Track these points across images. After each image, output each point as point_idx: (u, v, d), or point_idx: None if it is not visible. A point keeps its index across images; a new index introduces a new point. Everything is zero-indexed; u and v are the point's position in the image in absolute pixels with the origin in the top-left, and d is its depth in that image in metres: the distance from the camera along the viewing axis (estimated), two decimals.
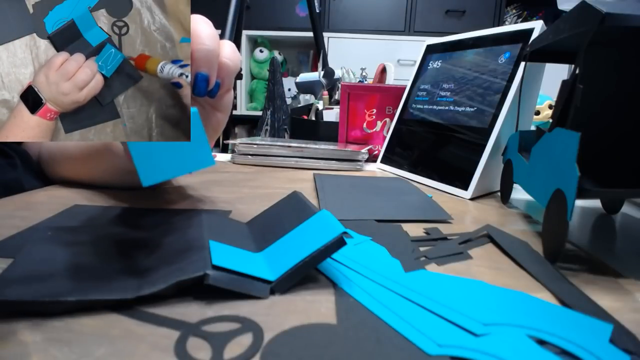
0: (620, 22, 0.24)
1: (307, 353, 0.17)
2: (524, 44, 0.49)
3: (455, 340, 0.18)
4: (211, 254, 0.22)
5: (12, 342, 0.17)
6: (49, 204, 0.37)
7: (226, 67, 0.30)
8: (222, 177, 0.54)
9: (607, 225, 0.40)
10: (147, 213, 0.35)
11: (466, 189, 0.48)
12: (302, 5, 2.42)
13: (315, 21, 1.45)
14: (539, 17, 2.38)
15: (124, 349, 0.17)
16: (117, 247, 0.26)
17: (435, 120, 0.58)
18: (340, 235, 0.22)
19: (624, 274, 0.27)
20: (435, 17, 2.42)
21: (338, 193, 0.44)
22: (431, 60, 0.64)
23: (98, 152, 0.41)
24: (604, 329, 0.19)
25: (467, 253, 0.29)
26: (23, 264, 0.22)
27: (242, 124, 2.69)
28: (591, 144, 0.29)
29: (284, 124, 1.32)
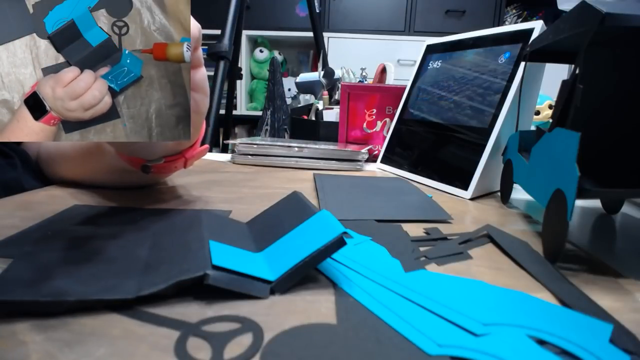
0: (620, 22, 0.24)
1: (307, 353, 0.17)
2: (524, 44, 0.49)
3: (455, 340, 0.18)
4: (211, 254, 0.22)
5: (12, 342, 0.17)
6: (49, 204, 0.37)
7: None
8: (222, 177, 0.54)
9: (607, 225, 0.40)
10: (147, 213, 0.35)
11: (466, 189, 0.48)
12: (302, 5, 2.43)
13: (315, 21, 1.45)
14: (539, 17, 2.38)
15: (124, 349, 0.17)
16: (117, 247, 0.26)
17: (435, 120, 0.58)
18: (340, 235, 0.22)
19: (624, 274, 0.27)
20: (435, 17, 2.42)
21: (338, 193, 0.44)
22: (431, 60, 0.64)
23: (91, 152, 0.41)
24: (604, 329, 0.19)
25: (467, 253, 0.29)
26: (23, 264, 0.22)
27: (242, 124, 2.70)
28: (591, 144, 0.29)
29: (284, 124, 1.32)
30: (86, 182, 0.44)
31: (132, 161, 0.37)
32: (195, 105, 0.34)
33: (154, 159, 0.37)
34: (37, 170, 0.48)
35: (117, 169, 0.40)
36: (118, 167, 0.39)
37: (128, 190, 0.43)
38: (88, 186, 0.43)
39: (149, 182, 0.45)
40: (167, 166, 0.37)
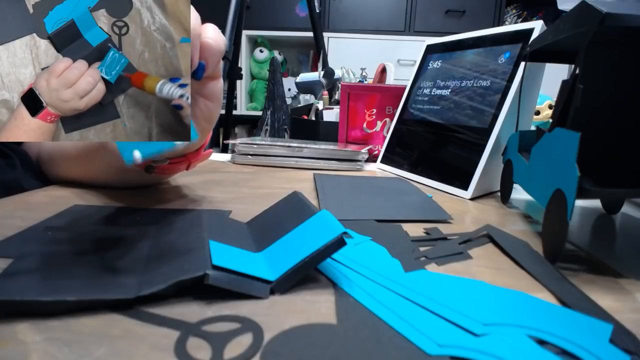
0: (620, 22, 0.24)
1: (307, 353, 0.17)
2: (524, 44, 0.49)
3: (455, 340, 0.18)
4: (211, 254, 0.22)
5: (12, 342, 0.17)
6: (49, 204, 0.37)
7: (209, 46, 0.29)
8: (222, 177, 0.54)
9: (607, 225, 0.40)
10: (147, 213, 0.35)
11: (466, 189, 0.48)
12: (302, 5, 2.42)
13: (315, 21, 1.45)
14: (539, 17, 2.37)
15: (124, 349, 0.17)
16: (117, 247, 0.26)
17: (435, 120, 0.58)
18: (340, 235, 0.22)
19: (624, 274, 0.27)
20: (435, 17, 2.42)
21: (338, 193, 0.44)
22: (431, 60, 0.64)
23: (94, 150, 0.41)
24: (604, 329, 0.19)
25: (467, 253, 0.29)
26: (23, 264, 0.22)
27: (242, 124, 2.69)
28: (591, 144, 0.29)
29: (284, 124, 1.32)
30: (88, 182, 0.44)
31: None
32: (209, 114, 0.35)
33: (159, 160, 0.37)
34: (37, 171, 0.48)
35: (120, 168, 0.40)
36: (121, 166, 0.39)
37: (128, 190, 0.43)
38: (88, 186, 0.43)
39: (150, 182, 0.45)
40: (170, 167, 0.38)
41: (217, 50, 0.30)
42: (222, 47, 0.30)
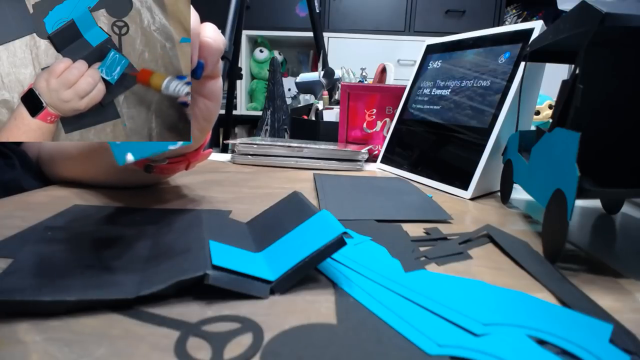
0: (620, 22, 0.24)
1: (307, 353, 0.17)
2: (524, 44, 0.49)
3: (455, 340, 0.18)
4: (211, 254, 0.22)
5: (12, 342, 0.17)
6: (49, 204, 0.37)
7: (208, 45, 0.29)
8: (222, 177, 0.54)
9: (607, 225, 0.40)
10: (147, 213, 0.35)
11: (466, 189, 0.48)
12: (302, 5, 2.42)
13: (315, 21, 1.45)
14: (539, 17, 2.38)
15: (124, 349, 0.17)
16: (117, 247, 0.26)
17: (435, 120, 0.58)
18: (340, 235, 0.22)
19: (624, 274, 0.27)
20: (435, 17, 2.42)
21: (338, 193, 0.44)
22: (431, 60, 0.64)
23: (94, 150, 0.41)
24: (604, 329, 0.19)
25: (467, 253, 0.29)
26: (23, 264, 0.22)
27: (242, 124, 2.69)
28: (591, 144, 0.29)
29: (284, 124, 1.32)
30: (88, 182, 0.44)
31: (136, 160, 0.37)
32: (208, 113, 0.35)
33: (158, 160, 0.37)
34: (36, 171, 0.48)
35: (120, 168, 0.40)
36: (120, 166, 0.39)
37: (128, 190, 0.43)
38: (88, 186, 0.43)
39: (150, 181, 0.45)
40: (170, 167, 0.38)
41: (216, 50, 0.30)
42: (221, 46, 0.30)
